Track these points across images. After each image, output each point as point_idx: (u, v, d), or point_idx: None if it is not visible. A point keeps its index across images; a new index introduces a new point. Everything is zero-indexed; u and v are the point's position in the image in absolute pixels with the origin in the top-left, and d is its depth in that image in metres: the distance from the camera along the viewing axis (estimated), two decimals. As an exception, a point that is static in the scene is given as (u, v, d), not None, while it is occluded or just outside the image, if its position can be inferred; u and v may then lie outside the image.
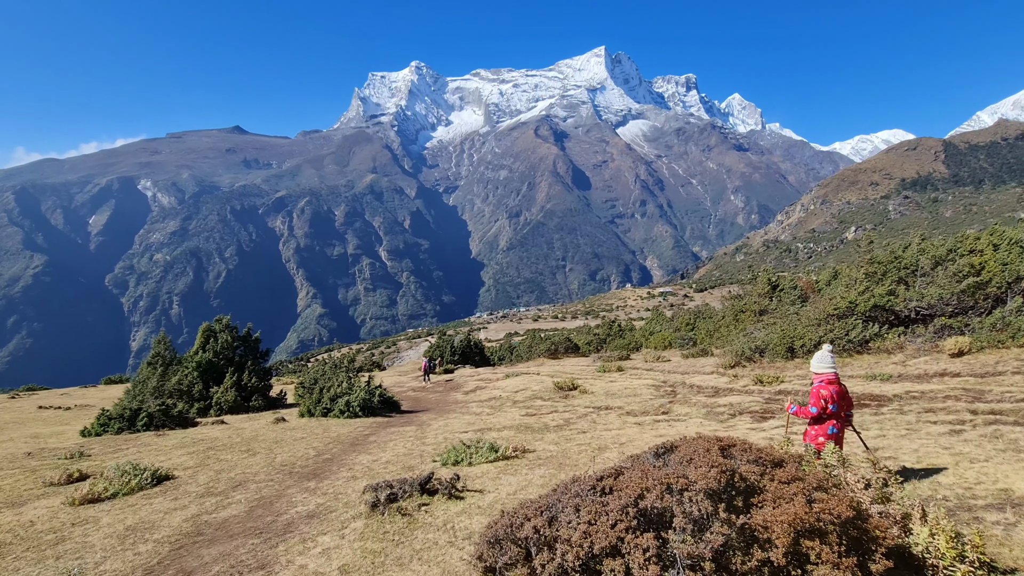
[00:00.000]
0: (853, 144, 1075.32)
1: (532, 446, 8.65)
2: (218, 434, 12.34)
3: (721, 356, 18.71)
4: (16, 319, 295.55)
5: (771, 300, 22.41)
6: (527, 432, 10.42)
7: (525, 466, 7.30)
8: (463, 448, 7.85)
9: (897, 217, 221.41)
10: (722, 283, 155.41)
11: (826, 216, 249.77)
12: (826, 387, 5.21)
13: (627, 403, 13.66)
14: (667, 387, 15.75)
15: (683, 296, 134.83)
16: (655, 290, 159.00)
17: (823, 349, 5.48)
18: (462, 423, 12.42)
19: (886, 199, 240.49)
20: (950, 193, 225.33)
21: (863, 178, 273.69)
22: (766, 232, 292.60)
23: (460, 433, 10.76)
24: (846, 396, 5.35)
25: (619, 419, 11.35)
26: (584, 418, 11.89)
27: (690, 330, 26.94)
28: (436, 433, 11.05)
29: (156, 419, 15.10)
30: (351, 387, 16.42)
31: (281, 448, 10.07)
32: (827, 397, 5.14)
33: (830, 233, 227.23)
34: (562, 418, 12.03)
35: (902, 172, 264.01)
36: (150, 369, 22.18)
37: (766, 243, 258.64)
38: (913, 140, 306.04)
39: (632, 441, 8.62)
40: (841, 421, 5.25)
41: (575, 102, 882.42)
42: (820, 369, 5.36)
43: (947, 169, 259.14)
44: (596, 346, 32.24)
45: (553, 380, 19.63)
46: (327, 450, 9.72)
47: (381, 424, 13.18)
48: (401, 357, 74.37)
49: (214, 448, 10.27)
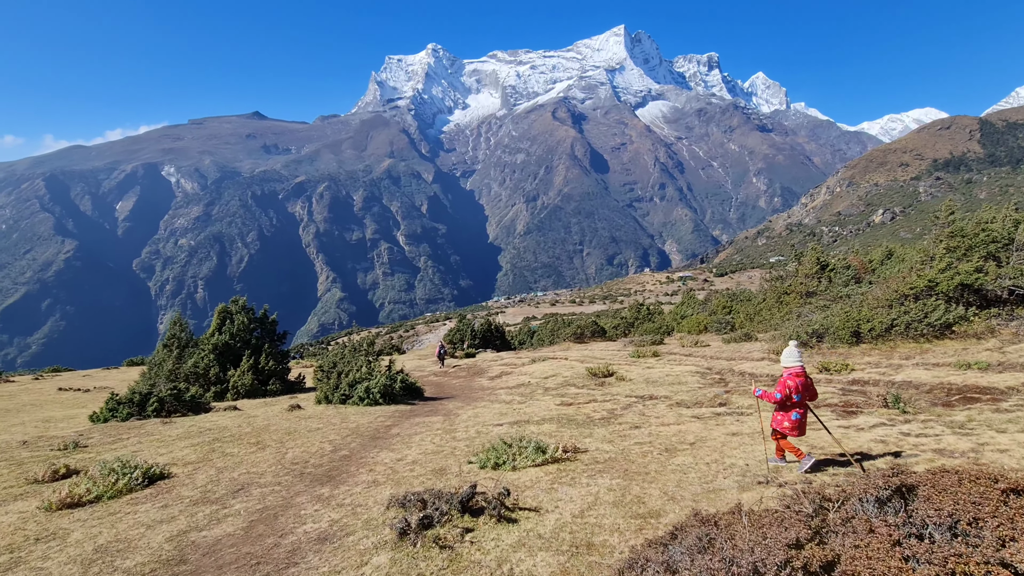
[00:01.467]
0: (882, 124, 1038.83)
1: (582, 444, 7.39)
2: (228, 422, 11.43)
3: (770, 341, 17.24)
4: (50, 303, 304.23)
5: (819, 281, 20.59)
6: (571, 426, 9.18)
7: (582, 472, 6.04)
8: (503, 447, 6.62)
9: (928, 199, 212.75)
10: (743, 267, 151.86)
11: (852, 199, 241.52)
12: (792, 378, 5.84)
13: (673, 392, 12.36)
14: (714, 375, 14.39)
15: (703, 281, 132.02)
16: (674, 275, 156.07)
17: (791, 345, 6.11)
18: (493, 413, 11.34)
19: (916, 180, 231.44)
20: (985, 174, 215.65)
21: (892, 159, 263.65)
22: (789, 215, 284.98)
23: (493, 426, 9.63)
24: (810, 387, 5.97)
25: (671, 411, 10.05)
26: (629, 409, 10.63)
27: (727, 313, 25.24)
28: (466, 425, 9.93)
29: (167, 404, 14.48)
30: (371, 372, 15.42)
31: (294, 441, 9.07)
32: (792, 387, 5.79)
33: (857, 216, 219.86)
34: (605, 409, 10.81)
35: (934, 152, 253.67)
36: (166, 352, 21.62)
37: (789, 226, 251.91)
38: (946, 119, 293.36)
39: (703, 441, 7.29)
40: (805, 409, 5.89)
41: (593, 83, 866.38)
42: (788, 363, 5.99)
43: (982, 149, 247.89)
44: (624, 330, 30.76)
45: (585, 366, 18.39)
46: (344, 444, 8.60)
47: (404, 413, 12.13)
48: (421, 341, 73.77)
49: (221, 440, 9.31)
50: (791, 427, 5.85)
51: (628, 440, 7.61)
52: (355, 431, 9.83)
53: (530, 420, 10.05)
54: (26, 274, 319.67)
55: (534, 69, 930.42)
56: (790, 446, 5.94)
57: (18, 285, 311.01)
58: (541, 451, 6.37)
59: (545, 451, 6.40)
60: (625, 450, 6.98)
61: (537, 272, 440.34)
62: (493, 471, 6.19)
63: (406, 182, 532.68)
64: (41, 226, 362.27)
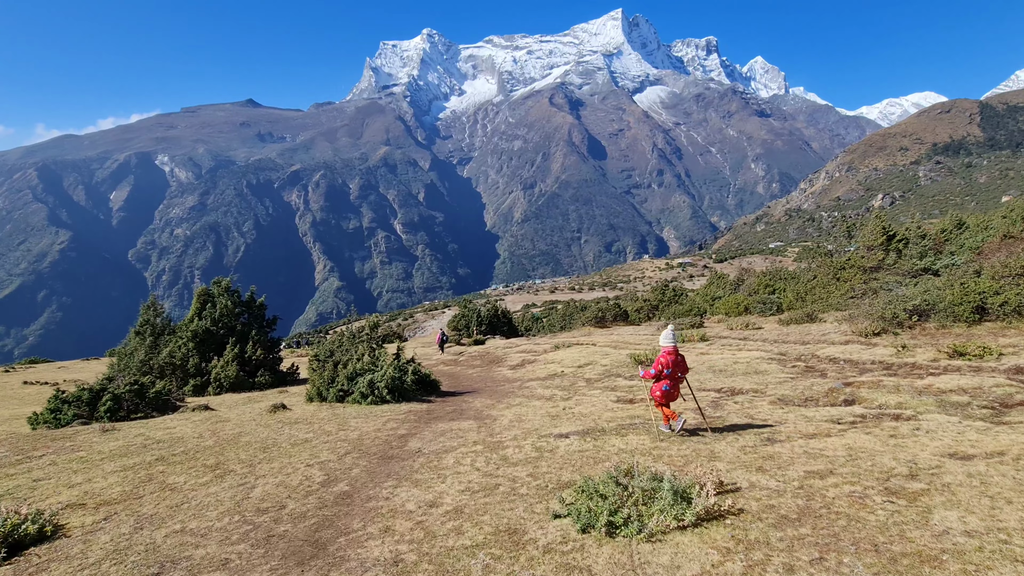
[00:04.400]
0: (881, 108, 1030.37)
1: (719, 475, 4.68)
2: (189, 430, 8.98)
3: (846, 321, 14.70)
4: (46, 293, 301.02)
5: (886, 253, 18.13)
6: (667, 438, 6.67)
7: (779, 544, 3.45)
8: (606, 486, 3.91)
9: (928, 183, 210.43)
10: (743, 253, 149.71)
11: (852, 183, 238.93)
12: (665, 356, 6.80)
13: (760, 385, 9.84)
14: (794, 361, 11.89)
15: (702, 267, 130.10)
16: (674, 261, 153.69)
17: (668, 329, 7.02)
18: (540, 415, 8.84)
19: (916, 165, 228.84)
20: (985, 157, 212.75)
21: (892, 143, 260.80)
22: (788, 201, 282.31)
23: (554, 437, 7.06)
24: (682, 364, 6.95)
25: (784, 412, 7.57)
26: (721, 408, 8.20)
27: (770, 292, 22.79)
28: (514, 436, 7.36)
29: (126, 402, 12.17)
30: (375, 362, 12.79)
31: (270, 462, 6.56)
32: (664, 363, 6.78)
33: (856, 201, 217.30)
34: (685, 409, 8.30)
35: (934, 136, 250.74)
36: (138, 340, 19.33)
37: (788, 212, 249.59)
38: (946, 102, 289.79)
39: (926, 472, 4.56)
40: (675, 380, 6.88)
41: (591, 68, 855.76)
42: (664, 343, 6.93)
43: (982, 132, 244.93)
44: (647, 313, 28.23)
45: (622, 352, 15.76)
46: (342, 470, 6.02)
47: (420, 415, 9.57)
48: (423, 328, 71.22)
49: (168, 460, 6.81)
50: (661, 396, 6.94)
51: (785, 467, 4.94)
52: (357, 444, 7.34)
53: (602, 428, 7.47)
54: (21, 265, 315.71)
55: (531, 54, 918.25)
56: (667, 411, 7.05)
57: (13, 276, 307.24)
58: (683, 498, 3.68)
59: (688, 497, 3.71)
60: (806, 489, 4.30)
61: (535, 260, 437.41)
62: (608, 538, 3.51)
63: (402, 170, 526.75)
64: (34, 217, 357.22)
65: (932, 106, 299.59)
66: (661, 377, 6.86)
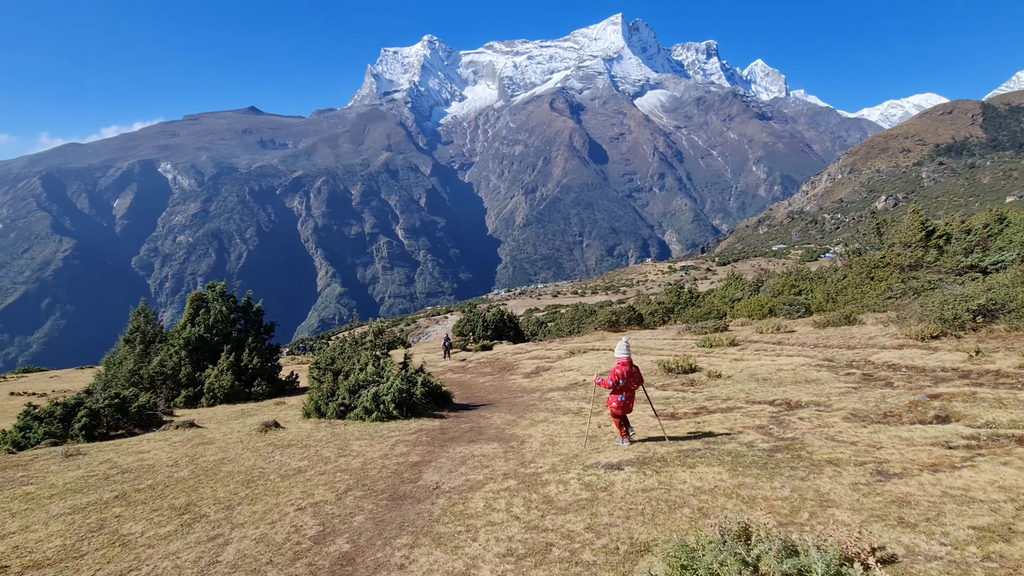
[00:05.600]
0: (882, 110, 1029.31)
1: (853, 528, 3.44)
2: (164, 454, 7.93)
3: (895, 323, 13.50)
4: (49, 301, 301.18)
5: (925, 250, 16.97)
6: (748, 467, 5.40)
7: None
8: (731, 564, 2.89)
9: (931, 184, 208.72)
10: (746, 256, 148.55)
11: (854, 185, 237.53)
12: (620, 367, 6.94)
13: (820, 396, 8.67)
14: (848, 368, 10.74)
15: (706, 270, 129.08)
16: (676, 264, 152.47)
17: (623, 341, 7.21)
18: (571, 434, 7.85)
19: (919, 166, 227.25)
20: (988, 158, 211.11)
21: (894, 144, 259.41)
22: (790, 203, 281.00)
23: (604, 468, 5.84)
24: (636, 375, 7.08)
25: (870, 431, 6.32)
26: (787, 427, 7.03)
27: (796, 293, 21.67)
28: (552, 465, 6.20)
29: (106, 418, 11.14)
30: (381, 372, 11.63)
31: (252, 502, 5.46)
32: (620, 374, 6.93)
33: (859, 203, 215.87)
34: (745, 427, 7.31)
35: (936, 137, 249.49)
36: (128, 348, 18.34)
37: (790, 214, 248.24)
38: (948, 103, 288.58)
39: None
40: (630, 391, 7.02)
41: (591, 73, 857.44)
42: (619, 355, 7.08)
43: (985, 133, 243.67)
44: (662, 316, 26.93)
45: (650, 359, 14.56)
46: (342, 517, 4.89)
47: (433, 436, 8.47)
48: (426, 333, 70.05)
49: (129, 498, 5.70)
50: (618, 407, 7.07)
51: (936, 519, 3.69)
52: (361, 477, 6.22)
53: (659, 456, 6.24)
54: (25, 273, 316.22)
55: (531, 60, 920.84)
56: (617, 424, 7.22)
57: (17, 284, 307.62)
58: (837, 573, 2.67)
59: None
60: (997, 562, 3.19)
61: (537, 264, 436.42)
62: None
63: (404, 175, 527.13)
64: (38, 225, 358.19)
65: (934, 107, 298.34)
66: (618, 388, 7.05)
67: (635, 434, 7.42)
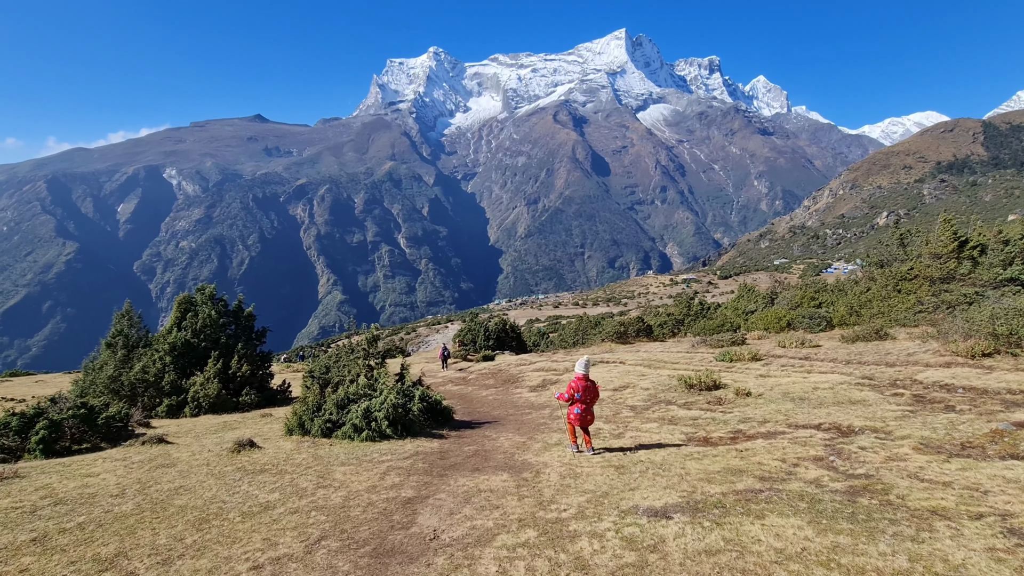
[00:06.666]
0: (883, 127, 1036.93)
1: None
2: (115, 479, 7.12)
3: (935, 339, 13.75)
4: (51, 304, 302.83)
5: (959, 262, 17.32)
6: (836, 519, 4.70)
7: None
8: None
9: (933, 202, 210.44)
10: (747, 270, 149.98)
11: (856, 201, 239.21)
12: (577, 382, 7.71)
13: (873, 420, 8.25)
14: (893, 388, 10.49)
15: (707, 283, 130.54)
16: (678, 277, 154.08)
17: (583, 359, 7.98)
18: (595, 463, 7.29)
19: (920, 183, 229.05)
20: (990, 176, 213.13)
21: (895, 161, 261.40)
22: (791, 218, 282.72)
23: (647, 517, 5.01)
24: (592, 390, 7.82)
25: (959, 468, 5.91)
26: (849, 457, 6.56)
27: (816, 305, 22.00)
28: (575, 505, 5.46)
29: (70, 430, 10.10)
30: (373, 385, 10.71)
31: (198, 554, 4.67)
32: (576, 388, 7.67)
33: (860, 219, 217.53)
34: (800, 457, 6.79)
35: (937, 155, 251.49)
36: (109, 352, 17.34)
37: (792, 229, 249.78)
38: (949, 121, 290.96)
39: None
40: (587, 404, 7.75)
41: (594, 86, 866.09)
42: (578, 371, 7.82)
43: (986, 151, 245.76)
44: (671, 328, 27.68)
45: (661, 372, 14.94)
46: None
47: (431, 461, 7.87)
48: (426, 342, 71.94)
49: (48, 542, 4.98)
50: (575, 418, 7.80)
51: None
52: (340, 519, 5.43)
53: (714, 500, 5.36)
54: (27, 276, 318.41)
55: (535, 72, 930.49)
56: (571, 433, 8.04)
57: (19, 287, 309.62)
58: None
59: None
60: None
61: (538, 275, 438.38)
62: None
63: (407, 185, 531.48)
64: (42, 228, 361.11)
65: (935, 125, 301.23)
66: (574, 401, 7.73)
67: (593, 453, 7.68)
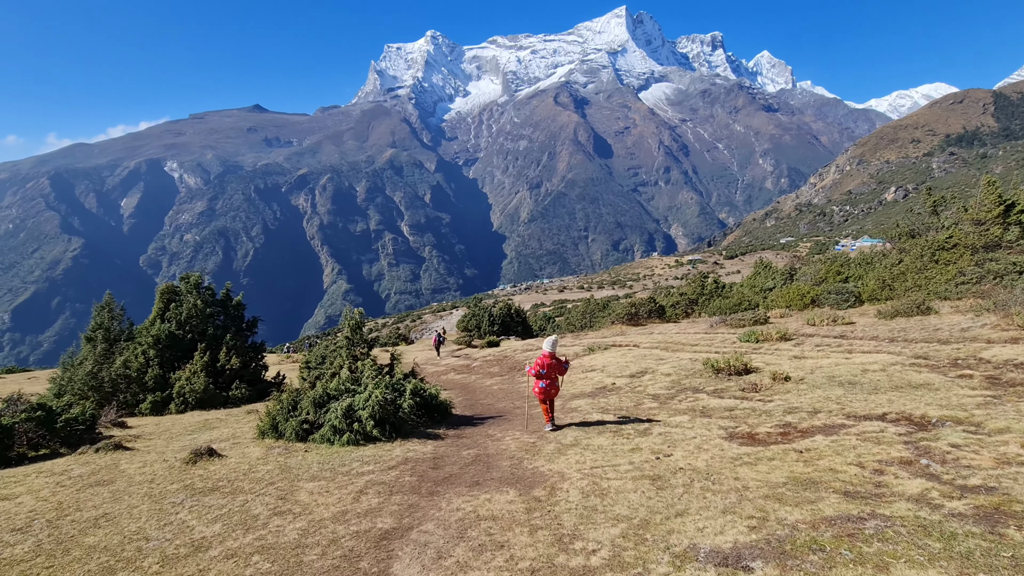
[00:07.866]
0: (891, 100, 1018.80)
1: None
2: (29, 505, 5.91)
3: (993, 311, 12.80)
4: (59, 300, 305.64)
5: (1005, 228, 16.46)
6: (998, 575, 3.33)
7: None
8: None
9: (942, 175, 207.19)
10: (753, 249, 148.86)
11: (863, 176, 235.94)
12: (543, 359, 8.30)
13: (953, 409, 6.97)
14: (957, 368, 9.23)
15: (713, 264, 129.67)
16: (683, 258, 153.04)
17: (551, 338, 8.66)
18: (623, 474, 5.78)
19: (929, 156, 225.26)
20: (1000, 148, 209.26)
21: (903, 135, 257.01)
22: (797, 196, 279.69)
23: (703, 560, 3.76)
24: (557, 366, 8.36)
25: None
26: (948, 462, 5.26)
27: (842, 280, 20.73)
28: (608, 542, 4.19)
29: (26, 434, 8.90)
30: (358, 379, 9.58)
31: None
32: (541, 365, 8.25)
33: (868, 194, 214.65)
34: (881, 460, 5.53)
35: (947, 127, 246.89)
36: (89, 347, 16.40)
37: (798, 207, 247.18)
38: (958, 93, 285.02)
39: None
40: (551, 379, 8.31)
41: (595, 67, 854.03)
42: (546, 349, 8.45)
43: (997, 122, 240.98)
44: (685, 308, 26.94)
45: (681, 355, 13.91)
46: None
47: (421, 472, 6.53)
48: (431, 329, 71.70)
49: None
50: (539, 392, 8.32)
51: None
52: (288, 568, 4.16)
53: (806, 538, 3.92)
54: (35, 272, 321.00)
55: (535, 54, 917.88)
56: (545, 411, 8.48)
57: (27, 284, 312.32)
58: None
59: None
60: None
61: (542, 259, 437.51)
62: None
63: (408, 172, 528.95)
64: (47, 224, 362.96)
65: (944, 97, 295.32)
66: (540, 376, 8.27)
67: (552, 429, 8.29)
